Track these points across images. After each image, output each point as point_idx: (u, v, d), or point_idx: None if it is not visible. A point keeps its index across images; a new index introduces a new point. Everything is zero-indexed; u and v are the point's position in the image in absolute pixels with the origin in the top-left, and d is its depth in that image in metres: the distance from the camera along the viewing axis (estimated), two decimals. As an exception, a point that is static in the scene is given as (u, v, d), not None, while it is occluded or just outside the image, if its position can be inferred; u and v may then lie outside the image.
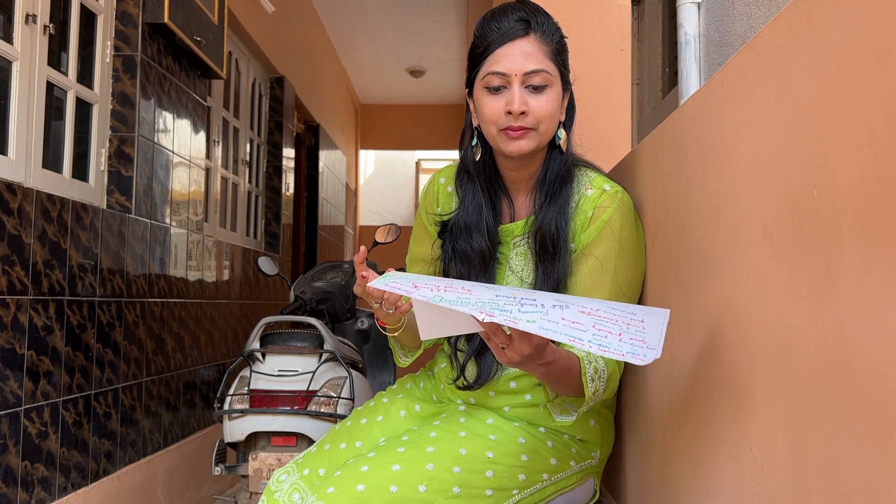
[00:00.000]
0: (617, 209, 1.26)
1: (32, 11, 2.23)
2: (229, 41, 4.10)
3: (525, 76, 1.24)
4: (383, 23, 6.52)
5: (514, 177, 1.35)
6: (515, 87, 1.24)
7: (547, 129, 1.27)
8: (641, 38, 2.46)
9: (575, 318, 0.96)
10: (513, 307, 0.96)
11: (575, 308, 0.97)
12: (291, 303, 2.63)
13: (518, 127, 1.24)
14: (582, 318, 0.96)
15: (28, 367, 2.07)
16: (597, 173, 1.33)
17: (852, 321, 0.62)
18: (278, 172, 4.95)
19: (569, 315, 0.96)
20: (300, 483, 1.34)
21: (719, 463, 0.92)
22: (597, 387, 1.17)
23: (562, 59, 1.30)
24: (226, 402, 2.13)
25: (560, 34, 1.31)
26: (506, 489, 1.25)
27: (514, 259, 1.35)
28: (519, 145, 1.25)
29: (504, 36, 1.25)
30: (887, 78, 0.56)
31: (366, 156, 10.05)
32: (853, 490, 0.62)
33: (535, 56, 1.24)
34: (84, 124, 2.64)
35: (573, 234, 1.29)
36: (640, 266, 1.28)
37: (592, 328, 0.94)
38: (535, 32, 1.25)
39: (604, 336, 0.92)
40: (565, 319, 0.95)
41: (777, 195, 0.76)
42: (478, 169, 1.35)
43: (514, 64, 1.24)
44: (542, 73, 1.24)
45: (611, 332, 0.93)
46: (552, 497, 1.30)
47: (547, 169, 1.31)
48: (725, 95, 0.91)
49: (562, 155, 1.31)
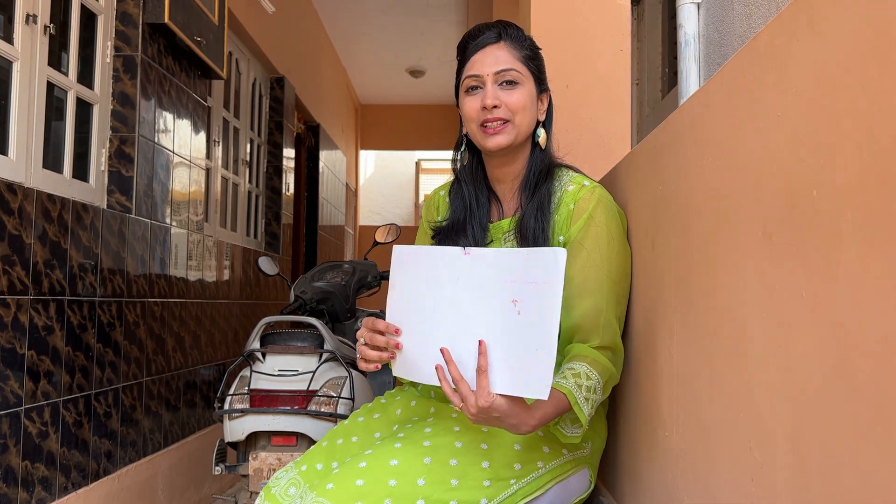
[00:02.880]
0: (599, 203, 1.36)
1: (33, 11, 2.23)
2: (229, 41, 4.10)
3: (496, 75, 1.38)
4: (383, 23, 6.52)
5: (500, 175, 1.46)
6: (489, 86, 1.38)
7: (522, 121, 1.39)
8: (641, 38, 2.46)
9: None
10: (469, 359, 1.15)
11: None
12: (291, 303, 2.63)
13: (494, 119, 1.37)
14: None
15: (28, 367, 2.07)
16: (577, 173, 1.44)
17: (852, 321, 0.62)
18: (278, 172, 4.95)
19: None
20: (297, 478, 1.37)
21: (719, 463, 0.92)
22: (593, 401, 1.25)
23: (535, 64, 1.42)
24: (226, 401, 2.13)
25: (531, 43, 1.44)
26: (503, 479, 1.27)
27: None
28: (497, 140, 1.38)
29: (478, 45, 1.41)
30: (887, 78, 0.56)
31: (366, 156, 10.06)
32: (853, 490, 0.62)
33: (504, 58, 1.39)
34: (84, 124, 2.64)
35: (559, 228, 1.38)
36: (628, 256, 1.37)
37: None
38: (505, 40, 1.41)
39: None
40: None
41: (777, 195, 0.76)
42: (465, 172, 1.48)
43: (485, 66, 1.39)
44: (511, 72, 1.38)
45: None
46: (549, 485, 1.32)
47: (530, 168, 1.43)
48: (725, 95, 0.91)
49: (542, 153, 1.43)
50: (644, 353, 1.29)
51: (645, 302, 1.30)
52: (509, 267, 1.13)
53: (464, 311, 1.17)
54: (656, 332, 1.21)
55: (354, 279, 2.82)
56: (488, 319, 1.15)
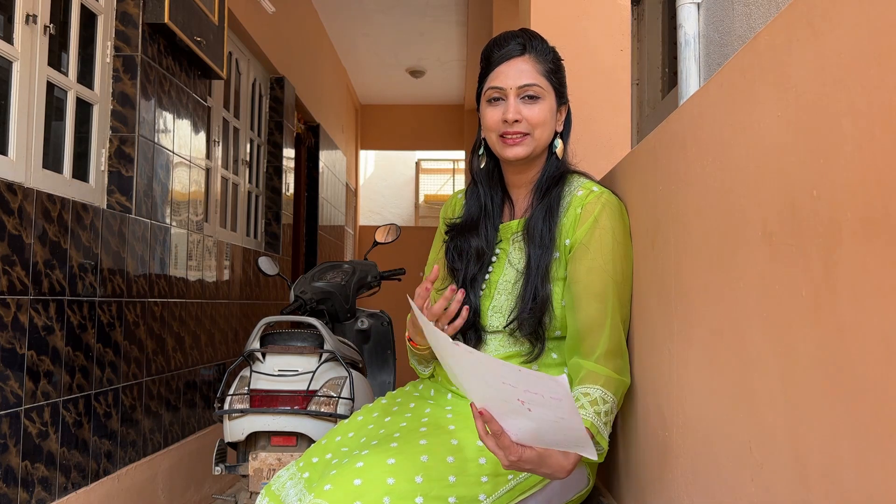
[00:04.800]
0: (605, 207, 1.38)
1: (33, 11, 2.23)
2: (229, 41, 4.10)
3: (519, 89, 1.41)
4: (383, 23, 6.52)
5: (516, 181, 1.50)
6: (511, 99, 1.41)
7: (541, 135, 1.43)
8: (641, 38, 2.46)
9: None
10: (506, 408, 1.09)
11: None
12: (291, 303, 2.63)
13: (514, 132, 1.41)
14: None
15: (28, 367, 2.07)
16: (588, 179, 1.47)
17: (852, 321, 0.62)
18: (278, 172, 4.95)
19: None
20: (296, 473, 1.39)
21: (719, 463, 0.92)
22: (610, 422, 1.29)
23: (557, 77, 1.46)
24: (226, 401, 2.13)
25: (554, 55, 1.47)
26: (501, 475, 1.28)
27: (512, 253, 1.46)
28: (515, 151, 1.41)
29: (503, 56, 1.43)
30: (887, 78, 0.56)
31: (366, 156, 10.06)
32: (853, 490, 0.62)
33: (528, 72, 1.42)
34: (84, 124, 2.64)
35: (566, 231, 1.40)
36: (631, 260, 1.39)
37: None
38: (530, 53, 1.43)
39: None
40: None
41: (777, 195, 0.76)
42: (481, 174, 1.52)
43: (509, 79, 1.41)
44: (534, 87, 1.41)
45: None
46: (547, 481, 1.32)
47: (544, 174, 1.47)
48: (725, 95, 0.91)
49: (558, 161, 1.47)
50: (644, 353, 1.29)
51: (645, 302, 1.30)
52: (503, 374, 1.04)
53: (473, 378, 1.11)
54: (656, 333, 1.21)
55: (354, 279, 2.82)
56: (498, 402, 1.09)
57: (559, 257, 1.40)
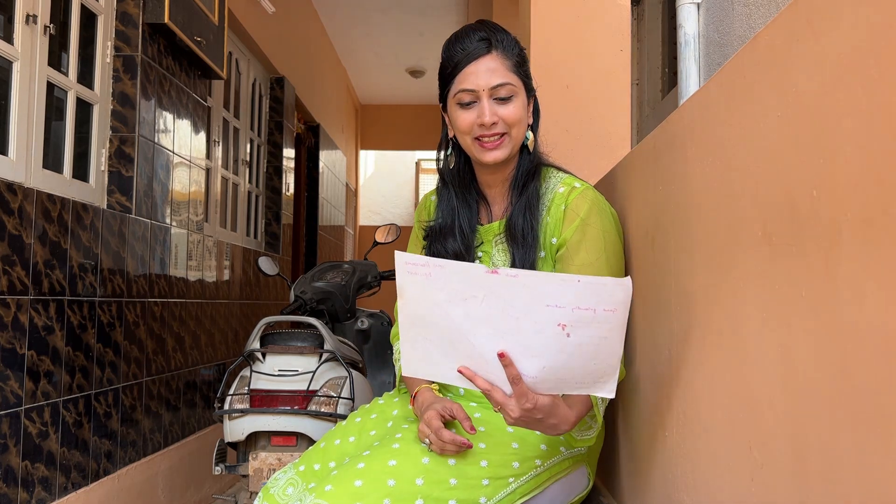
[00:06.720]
0: (592, 205, 1.36)
1: (33, 11, 2.23)
2: (229, 41, 4.10)
3: (492, 90, 1.36)
4: (383, 23, 6.52)
5: (490, 180, 1.47)
6: (485, 101, 1.36)
7: (517, 133, 1.39)
8: (641, 38, 2.46)
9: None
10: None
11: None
12: (291, 303, 2.63)
13: (491, 135, 1.37)
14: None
15: (28, 367, 2.07)
16: (566, 174, 1.45)
17: (852, 321, 0.62)
18: (278, 172, 4.95)
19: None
20: (295, 478, 1.38)
21: (719, 463, 0.92)
22: (605, 403, 1.30)
23: (524, 70, 1.41)
24: (226, 401, 2.13)
25: (519, 47, 1.42)
26: (501, 477, 1.27)
27: (496, 255, 1.44)
28: (495, 155, 1.38)
29: (469, 56, 1.37)
30: (887, 78, 0.56)
31: (366, 156, 10.05)
32: (853, 490, 0.62)
33: (498, 71, 1.36)
34: (84, 124, 2.64)
35: (551, 230, 1.38)
36: (622, 256, 1.39)
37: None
38: (496, 49, 1.37)
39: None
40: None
41: (777, 195, 0.76)
42: (452, 176, 1.47)
43: (480, 80, 1.36)
44: (506, 86, 1.36)
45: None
46: (547, 483, 1.33)
47: (519, 169, 1.43)
48: (725, 95, 0.91)
49: (531, 154, 1.43)
50: (644, 353, 1.29)
51: (645, 302, 1.30)
52: (551, 292, 1.03)
53: (492, 326, 1.09)
54: (656, 332, 1.21)
55: (354, 279, 2.82)
56: (526, 338, 1.07)
57: (545, 256, 1.39)
